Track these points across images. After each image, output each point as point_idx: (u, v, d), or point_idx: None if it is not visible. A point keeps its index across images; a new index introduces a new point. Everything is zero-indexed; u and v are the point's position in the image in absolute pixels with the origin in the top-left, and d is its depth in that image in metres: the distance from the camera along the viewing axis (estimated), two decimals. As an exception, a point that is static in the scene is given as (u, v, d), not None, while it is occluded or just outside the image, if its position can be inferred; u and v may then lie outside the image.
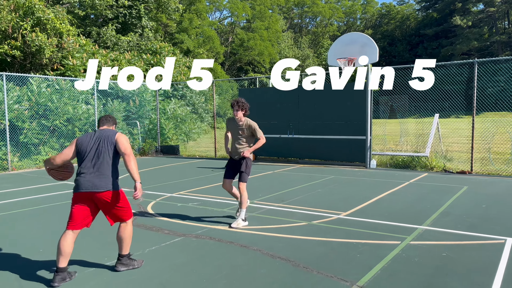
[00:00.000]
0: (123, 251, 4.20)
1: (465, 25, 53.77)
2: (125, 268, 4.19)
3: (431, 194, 7.76)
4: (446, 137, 17.37)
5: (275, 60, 53.51)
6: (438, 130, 13.13)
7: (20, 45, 15.39)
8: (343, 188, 8.55)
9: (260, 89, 14.45)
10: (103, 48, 24.01)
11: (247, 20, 56.84)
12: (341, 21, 74.64)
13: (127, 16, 30.66)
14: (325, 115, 12.42)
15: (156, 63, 22.44)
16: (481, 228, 5.48)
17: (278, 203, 7.15)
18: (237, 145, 5.97)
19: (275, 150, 13.58)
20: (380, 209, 6.62)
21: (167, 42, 32.97)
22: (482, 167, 10.91)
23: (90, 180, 3.94)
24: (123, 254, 4.21)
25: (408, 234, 5.25)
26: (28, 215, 6.55)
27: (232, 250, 4.74)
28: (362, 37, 11.38)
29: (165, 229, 5.61)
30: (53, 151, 13.17)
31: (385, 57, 61.76)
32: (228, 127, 6.11)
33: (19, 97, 12.45)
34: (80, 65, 17.23)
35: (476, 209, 6.57)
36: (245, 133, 5.94)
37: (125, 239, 4.17)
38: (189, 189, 8.65)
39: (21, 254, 4.73)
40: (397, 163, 11.64)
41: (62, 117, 13.31)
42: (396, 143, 15.06)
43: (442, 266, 4.19)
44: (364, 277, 3.94)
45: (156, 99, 16.70)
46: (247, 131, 5.94)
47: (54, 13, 17.23)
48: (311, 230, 5.53)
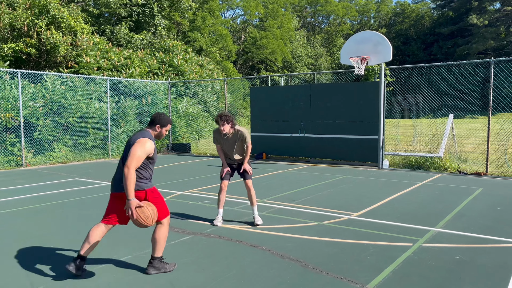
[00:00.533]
0: (156, 253, 4.03)
1: (482, 24, 52.88)
2: (156, 272, 4.03)
3: (444, 196, 7.62)
4: (460, 138, 17.09)
5: (287, 59, 53.41)
6: (452, 130, 12.92)
7: (35, 43, 15.58)
8: (354, 188, 8.46)
9: (271, 87, 14.40)
10: (116, 46, 24.21)
11: (260, 18, 56.76)
12: (355, 19, 74.05)
13: (141, 14, 30.87)
14: (337, 114, 12.32)
15: (168, 62, 22.53)
16: (496, 231, 5.36)
17: (288, 203, 7.10)
18: (237, 154, 5.79)
19: (286, 149, 13.52)
20: (392, 210, 6.52)
21: (179, 40, 33.12)
22: (498, 168, 10.69)
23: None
24: (156, 256, 4.04)
25: (421, 236, 5.16)
26: (41, 211, 6.62)
27: (241, 249, 4.71)
28: (375, 35, 11.24)
29: (174, 228, 5.61)
30: (66, 148, 13.32)
31: (399, 56, 61.07)
32: (219, 141, 5.79)
33: (33, 94, 12.61)
34: (94, 63, 17.39)
35: (491, 211, 6.43)
36: (240, 143, 5.74)
37: (158, 240, 4.01)
38: (199, 187, 8.65)
39: (32, 249, 4.77)
40: (410, 164, 11.49)
41: (75, 114, 13.44)
42: (409, 143, 14.87)
43: (455, 269, 4.10)
44: (374, 279, 3.87)
45: (168, 97, 16.76)
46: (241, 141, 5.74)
47: (69, 11, 17.42)
48: (321, 230, 5.47)
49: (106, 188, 8.59)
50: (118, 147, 14.76)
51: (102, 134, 14.19)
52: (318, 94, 12.67)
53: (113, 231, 5.43)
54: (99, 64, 17.77)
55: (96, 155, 14.05)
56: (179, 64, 22.53)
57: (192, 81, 19.49)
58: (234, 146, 5.75)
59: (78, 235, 5.31)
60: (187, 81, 19.17)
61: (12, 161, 12.00)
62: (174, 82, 17.65)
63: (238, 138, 5.71)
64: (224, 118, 5.56)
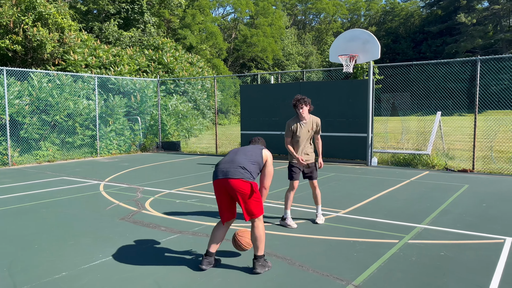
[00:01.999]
0: (260, 252, 3.98)
1: (470, 22, 53.42)
2: (264, 270, 3.98)
3: (431, 193, 7.69)
4: (448, 135, 17.27)
5: (278, 57, 53.41)
6: (440, 128, 13.05)
7: (21, 40, 15.37)
8: (343, 185, 8.50)
9: (261, 85, 14.38)
10: (105, 44, 23.99)
11: (251, 16, 56.65)
12: (345, 18, 74.29)
13: (129, 11, 30.60)
14: (327, 112, 12.35)
15: (158, 59, 22.39)
16: (481, 227, 5.43)
17: (277, 201, 7.11)
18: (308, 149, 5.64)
19: (276, 147, 13.51)
20: (379, 207, 6.57)
21: (169, 37, 32.94)
22: (484, 165, 10.82)
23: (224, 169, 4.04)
24: (259, 255, 3.98)
25: (407, 233, 5.20)
26: (26, 211, 6.54)
27: (228, 248, 4.70)
28: (364, 33, 11.29)
29: (162, 226, 5.58)
30: (54, 146, 13.17)
31: (389, 55, 61.47)
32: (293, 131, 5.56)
33: (19, 92, 12.44)
34: (81, 61, 17.21)
35: (476, 208, 6.51)
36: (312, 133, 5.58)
37: (261, 238, 3.98)
38: (188, 185, 8.62)
39: (17, 249, 4.71)
40: (398, 161, 11.57)
41: (62, 112, 13.30)
42: (397, 140, 14.98)
43: (440, 265, 4.14)
44: (360, 276, 3.89)
45: (158, 95, 16.66)
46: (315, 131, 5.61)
47: (56, 8, 17.19)
48: (309, 228, 5.49)
49: (94, 187, 8.51)
50: (106, 146, 14.64)
51: (90, 133, 14.05)
52: (308, 92, 12.68)
53: (99, 229, 5.38)
54: (87, 61, 17.59)
55: (84, 154, 13.92)
56: (168, 62, 22.41)
57: (181, 78, 19.41)
58: (307, 136, 5.54)
59: (62, 234, 5.26)
60: (177, 78, 19.07)
61: (-2, 160, 11.84)
62: (163, 79, 17.55)
63: (313, 126, 5.54)
64: (302, 100, 5.37)
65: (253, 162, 4.08)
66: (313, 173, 5.79)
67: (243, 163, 4.02)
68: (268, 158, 4.25)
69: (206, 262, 4.04)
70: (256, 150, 4.23)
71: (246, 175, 3.95)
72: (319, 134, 5.76)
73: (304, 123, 5.59)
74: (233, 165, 4.00)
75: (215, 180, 4.03)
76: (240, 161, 4.02)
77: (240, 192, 3.90)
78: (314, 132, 5.69)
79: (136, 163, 12.50)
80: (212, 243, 4.07)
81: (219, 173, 4.00)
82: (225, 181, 3.93)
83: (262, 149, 4.27)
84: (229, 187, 3.93)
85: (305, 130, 5.59)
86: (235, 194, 3.93)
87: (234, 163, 4.02)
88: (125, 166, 11.73)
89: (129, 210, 6.52)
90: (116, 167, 11.51)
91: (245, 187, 3.90)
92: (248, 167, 4.01)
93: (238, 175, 3.91)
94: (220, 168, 4.04)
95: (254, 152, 4.18)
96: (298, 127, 5.59)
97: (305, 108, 5.52)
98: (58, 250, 4.66)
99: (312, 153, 5.75)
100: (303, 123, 5.58)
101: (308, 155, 5.69)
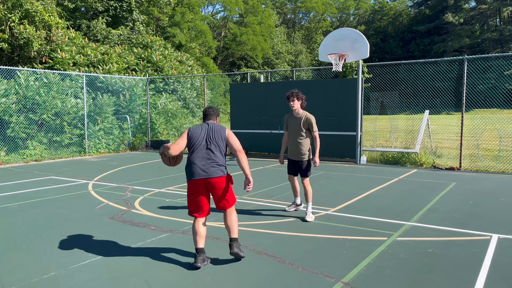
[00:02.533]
0: (235, 234, 4.26)
1: (457, 22, 54.07)
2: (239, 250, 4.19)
3: (419, 190, 7.78)
4: (436, 134, 17.47)
5: (268, 56, 53.44)
6: (428, 126, 13.19)
7: (7, 37, 15.14)
8: (332, 184, 8.55)
9: (251, 84, 14.39)
10: (93, 42, 23.75)
11: (240, 14, 56.58)
12: (334, 16, 74.64)
13: (118, 9, 30.33)
14: (316, 110, 12.37)
15: (147, 57, 22.24)
16: (468, 225, 5.51)
17: (267, 199, 7.13)
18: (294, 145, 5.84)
19: (266, 146, 13.55)
20: (368, 205, 6.62)
21: (158, 36, 32.70)
22: (471, 163, 10.98)
23: (204, 168, 4.15)
24: (236, 237, 4.27)
25: (395, 231, 5.26)
26: (14, 210, 6.45)
27: (218, 246, 4.70)
28: (353, 32, 11.35)
29: (151, 225, 5.56)
30: (41, 145, 13.01)
31: (378, 53, 61.92)
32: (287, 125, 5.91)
33: (6, 91, 12.26)
34: (69, 59, 17.02)
35: (463, 205, 6.60)
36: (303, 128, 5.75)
37: (234, 222, 4.28)
38: (178, 184, 8.59)
39: (5, 250, 4.65)
40: (387, 159, 11.68)
41: (50, 111, 13.14)
42: (386, 139, 15.11)
43: (427, 262, 4.20)
44: (349, 273, 3.93)
45: (147, 93, 16.56)
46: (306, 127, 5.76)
47: (43, 5, 16.96)
48: (298, 226, 5.52)
49: (82, 186, 8.44)
50: (95, 144, 14.51)
51: (78, 132, 13.92)
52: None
53: (88, 229, 5.34)
54: (74, 59, 17.40)
55: (72, 153, 13.78)
56: (157, 60, 22.27)
57: (171, 77, 19.31)
58: (296, 130, 5.76)
59: (50, 234, 5.21)
60: (166, 77, 18.97)
61: (-16, 159, 11.66)
62: (152, 78, 17.44)
63: (304, 122, 5.72)
64: (295, 93, 5.69)
65: (222, 152, 4.30)
66: (301, 171, 5.90)
67: (218, 157, 4.22)
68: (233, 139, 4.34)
69: (200, 259, 4.10)
70: (220, 138, 4.29)
71: (223, 169, 4.22)
72: (315, 132, 5.82)
73: (295, 117, 5.83)
74: (210, 162, 4.17)
75: (195, 180, 4.15)
76: (215, 157, 4.21)
77: (220, 188, 4.17)
78: (305, 128, 5.78)
79: (125, 162, 12.42)
80: (200, 240, 4.17)
81: (198, 173, 4.15)
82: (206, 180, 4.14)
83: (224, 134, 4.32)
84: (209, 185, 4.15)
85: (295, 123, 5.79)
86: (215, 190, 4.17)
87: (210, 159, 4.19)
88: (114, 165, 11.64)
89: (118, 209, 6.48)
90: (105, 166, 11.41)
91: (224, 183, 4.19)
92: (222, 160, 4.25)
93: (218, 173, 4.16)
94: (198, 166, 4.17)
95: (220, 141, 4.28)
96: (289, 118, 5.94)
97: (296, 102, 5.72)
98: (46, 250, 4.62)
99: (299, 150, 5.84)
100: (293, 116, 5.86)
101: (294, 151, 5.87)
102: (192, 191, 4.19)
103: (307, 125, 5.79)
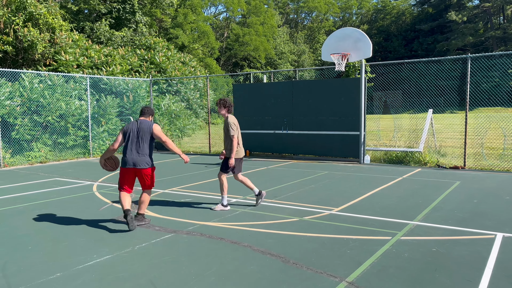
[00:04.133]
0: (142, 211, 5.56)
1: (460, 20, 53.86)
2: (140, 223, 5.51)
3: (423, 189, 7.77)
4: (440, 132, 17.42)
5: (270, 56, 53.44)
6: (432, 125, 13.16)
7: (12, 40, 15.24)
8: (336, 183, 8.55)
9: (254, 84, 14.40)
10: (96, 44, 23.85)
11: (243, 15, 56.62)
12: (337, 16, 74.51)
13: (121, 11, 30.45)
14: (319, 110, 12.41)
15: (150, 59, 22.31)
16: (472, 223, 5.50)
17: (271, 199, 7.14)
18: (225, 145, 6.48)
19: (269, 146, 13.56)
20: (372, 205, 6.62)
21: (161, 37, 32.81)
22: (475, 162, 10.94)
23: (133, 159, 5.36)
24: (142, 213, 5.56)
25: (399, 230, 5.25)
26: (19, 212, 6.50)
27: (222, 246, 4.72)
28: (356, 32, 11.35)
29: (156, 226, 5.58)
30: (46, 147, 13.09)
31: (381, 53, 61.78)
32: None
33: (11, 93, 12.34)
34: (73, 61, 17.11)
35: (467, 204, 6.59)
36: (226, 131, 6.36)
37: (145, 201, 5.56)
38: (182, 185, 8.62)
39: (11, 251, 4.69)
40: (391, 159, 11.66)
41: (54, 113, 13.22)
42: (390, 138, 15.08)
43: (431, 261, 4.20)
44: (353, 273, 3.93)
45: (150, 94, 16.62)
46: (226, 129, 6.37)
47: (47, 8, 17.07)
48: (302, 226, 5.53)
49: (87, 188, 8.48)
50: (99, 146, 14.58)
51: (82, 133, 13.99)
52: (300, 91, 12.73)
53: (93, 230, 5.38)
54: (78, 61, 17.49)
55: (76, 154, 13.85)
56: (160, 61, 22.34)
57: (174, 78, 19.37)
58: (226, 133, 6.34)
59: (55, 235, 5.24)
60: (169, 78, 19.03)
61: (-10, 162, 11.75)
62: (156, 79, 17.50)
63: (227, 125, 6.31)
64: (222, 102, 6.39)
65: (150, 146, 5.45)
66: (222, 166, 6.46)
67: (146, 152, 5.41)
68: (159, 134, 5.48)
69: (130, 218, 5.22)
70: (148, 133, 5.43)
71: (150, 161, 5.44)
72: (231, 133, 6.27)
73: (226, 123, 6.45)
74: (140, 156, 5.37)
75: (126, 168, 5.39)
76: (145, 151, 5.39)
77: (146, 176, 5.46)
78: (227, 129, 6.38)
79: (129, 163, 12.45)
80: (125, 203, 5.31)
81: (129, 163, 5.36)
82: (135, 169, 5.39)
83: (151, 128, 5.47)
84: (138, 173, 5.43)
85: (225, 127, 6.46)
86: (142, 176, 5.44)
87: (140, 154, 5.37)
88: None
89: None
90: (109, 168, 11.45)
91: (150, 172, 5.48)
92: (150, 153, 5.43)
93: (146, 165, 5.40)
94: (130, 158, 5.36)
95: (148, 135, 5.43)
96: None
97: (222, 109, 6.40)
98: (52, 251, 4.65)
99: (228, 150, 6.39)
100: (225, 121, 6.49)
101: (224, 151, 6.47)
102: (123, 174, 5.44)
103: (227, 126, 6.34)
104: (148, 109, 5.70)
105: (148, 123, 5.48)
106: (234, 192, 7.77)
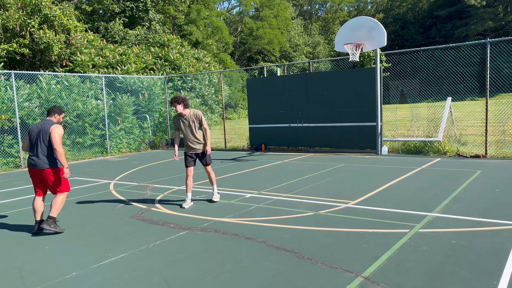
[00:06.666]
0: (52, 214, 5.27)
1: (479, 4, 52.32)
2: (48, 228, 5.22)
3: (443, 180, 7.58)
4: (460, 121, 16.99)
5: (285, 48, 53.08)
6: (451, 113, 12.83)
7: (28, 43, 15.50)
8: (353, 176, 8.42)
9: (267, 78, 14.30)
10: (111, 43, 24.08)
11: (256, 9, 56.31)
12: (352, 6, 73.33)
13: (134, 9, 30.65)
14: (334, 102, 12.24)
15: (164, 56, 22.41)
16: (494, 214, 5.32)
17: (286, 193, 7.07)
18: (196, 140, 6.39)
19: (284, 140, 13.47)
20: (389, 197, 6.49)
21: (175, 34, 32.92)
22: (497, 150, 10.63)
23: (33, 159, 5.25)
24: (53, 216, 5.27)
25: (417, 222, 5.12)
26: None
27: (237, 243, 4.69)
28: (369, 21, 11.11)
29: (170, 223, 5.59)
30: (65, 147, 13.30)
31: (398, 41, 60.56)
32: (177, 126, 6.44)
33: (29, 95, 12.56)
34: (88, 61, 17.31)
35: (489, 194, 6.39)
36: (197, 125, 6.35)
37: (55, 204, 5.29)
38: (197, 181, 8.62)
39: (28, 251, 4.76)
40: (409, 149, 11.43)
41: (72, 113, 13.41)
42: (407, 128, 14.79)
43: (451, 254, 4.07)
44: (370, 267, 3.85)
45: (165, 92, 16.69)
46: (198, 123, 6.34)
47: (61, 9, 17.29)
48: (318, 220, 5.45)
49: (104, 186, 8.58)
50: (116, 144, 14.75)
51: (99, 132, 14.16)
52: (315, 83, 12.58)
53: (108, 228, 5.42)
54: (94, 61, 17.69)
55: (94, 153, 14.04)
56: (175, 58, 22.42)
57: (188, 75, 19.41)
58: (192, 128, 6.28)
59: (72, 235, 5.30)
60: (184, 75, 19.08)
61: (11, 163, 12.01)
62: (170, 76, 17.57)
63: (195, 119, 6.26)
64: (175, 99, 6.19)
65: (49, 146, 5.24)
66: (206, 160, 6.55)
67: (46, 152, 5.23)
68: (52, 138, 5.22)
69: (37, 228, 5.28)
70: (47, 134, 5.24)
71: (50, 162, 5.24)
72: (205, 125, 6.36)
73: (185, 119, 6.33)
74: (40, 156, 5.22)
75: (28, 169, 5.34)
76: (44, 151, 5.23)
77: (47, 176, 5.25)
78: (198, 123, 6.36)
79: (146, 161, 12.57)
80: (36, 214, 5.29)
81: (29, 164, 5.28)
82: (35, 170, 5.26)
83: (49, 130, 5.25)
84: (39, 174, 5.27)
85: (186, 124, 6.33)
86: (43, 177, 5.27)
87: (40, 154, 5.22)
88: (135, 164, 11.80)
89: (138, 208, 6.55)
90: (126, 166, 11.58)
91: (50, 175, 5.25)
92: (49, 152, 5.24)
93: (44, 166, 5.22)
94: (30, 159, 5.27)
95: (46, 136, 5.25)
96: (180, 122, 6.39)
97: (178, 106, 6.24)
98: (68, 250, 4.70)
99: (199, 143, 6.41)
100: (183, 119, 6.35)
101: (193, 145, 6.40)
102: (30, 176, 5.36)
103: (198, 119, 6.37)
104: (54, 109, 5.50)
105: (49, 123, 5.30)
106: (249, 187, 7.73)
